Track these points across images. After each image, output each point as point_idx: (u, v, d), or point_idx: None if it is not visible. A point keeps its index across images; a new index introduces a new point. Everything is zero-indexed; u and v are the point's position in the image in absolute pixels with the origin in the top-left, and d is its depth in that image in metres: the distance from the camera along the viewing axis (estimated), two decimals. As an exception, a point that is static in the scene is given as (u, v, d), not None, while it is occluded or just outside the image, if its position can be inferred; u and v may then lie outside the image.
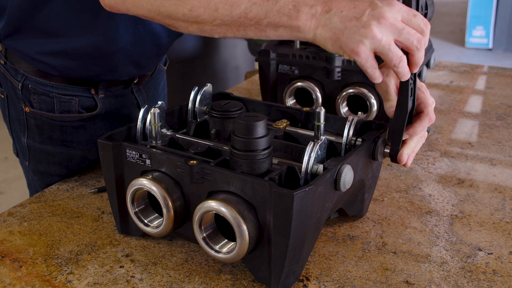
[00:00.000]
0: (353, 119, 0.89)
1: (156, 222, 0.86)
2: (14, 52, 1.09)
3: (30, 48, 1.07)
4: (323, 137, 0.81)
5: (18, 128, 1.17)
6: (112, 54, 1.08)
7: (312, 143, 0.78)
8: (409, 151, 0.85)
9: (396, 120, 0.85)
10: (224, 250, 0.79)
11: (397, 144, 0.86)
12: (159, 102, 0.90)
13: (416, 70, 0.79)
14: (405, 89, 0.83)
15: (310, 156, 0.77)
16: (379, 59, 0.77)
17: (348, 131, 0.88)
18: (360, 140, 0.88)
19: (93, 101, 1.14)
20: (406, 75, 0.77)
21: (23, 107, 1.13)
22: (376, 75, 0.77)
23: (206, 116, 0.98)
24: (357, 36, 0.72)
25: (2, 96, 1.17)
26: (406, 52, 0.76)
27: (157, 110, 0.87)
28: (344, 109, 1.26)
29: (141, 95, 1.24)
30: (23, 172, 1.28)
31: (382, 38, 0.72)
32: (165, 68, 1.34)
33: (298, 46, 1.31)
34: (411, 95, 0.84)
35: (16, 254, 0.88)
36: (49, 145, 1.15)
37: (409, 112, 0.84)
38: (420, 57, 0.77)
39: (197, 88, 1.00)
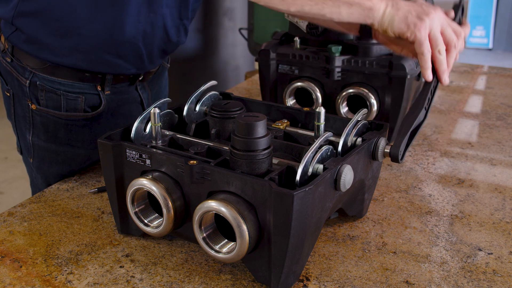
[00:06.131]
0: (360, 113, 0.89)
1: (156, 222, 0.86)
2: (20, 48, 1.10)
3: (40, 32, 1.06)
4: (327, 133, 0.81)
5: (23, 126, 1.18)
6: (121, 44, 1.09)
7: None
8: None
9: (407, 118, 0.89)
10: (224, 250, 0.79)
11: (399, 140, 0.88)
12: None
13: (444, 76, 0.92)
14: (427, 89, 0.91)
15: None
16: None
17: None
18: (360, 140, 0.88)
19: (98, 99, 1.15)
20: (443, 64, 0.91)
21: (29, 104, 1.13)
22: (428, 59, 0.90)
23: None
24: (421, 15, 0.89)
25: (8, 94, 1.18)
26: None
27: (157, 110, 0.87)
28: (344, 109, 1.26)
29: (145, 92, 1.25)
30: (26, 170, 1.28)
31: (437, 22, 0.90)
32: (168, 65, 1.36)
33: (298, 46, 1.31)
34: (426, 106, 0.91)
35: (16, 254, 0.88)
36: (54, 144, 1.16)
37: (418, 124, 0.90)
38: (452, 57, 0.92)
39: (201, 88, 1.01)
